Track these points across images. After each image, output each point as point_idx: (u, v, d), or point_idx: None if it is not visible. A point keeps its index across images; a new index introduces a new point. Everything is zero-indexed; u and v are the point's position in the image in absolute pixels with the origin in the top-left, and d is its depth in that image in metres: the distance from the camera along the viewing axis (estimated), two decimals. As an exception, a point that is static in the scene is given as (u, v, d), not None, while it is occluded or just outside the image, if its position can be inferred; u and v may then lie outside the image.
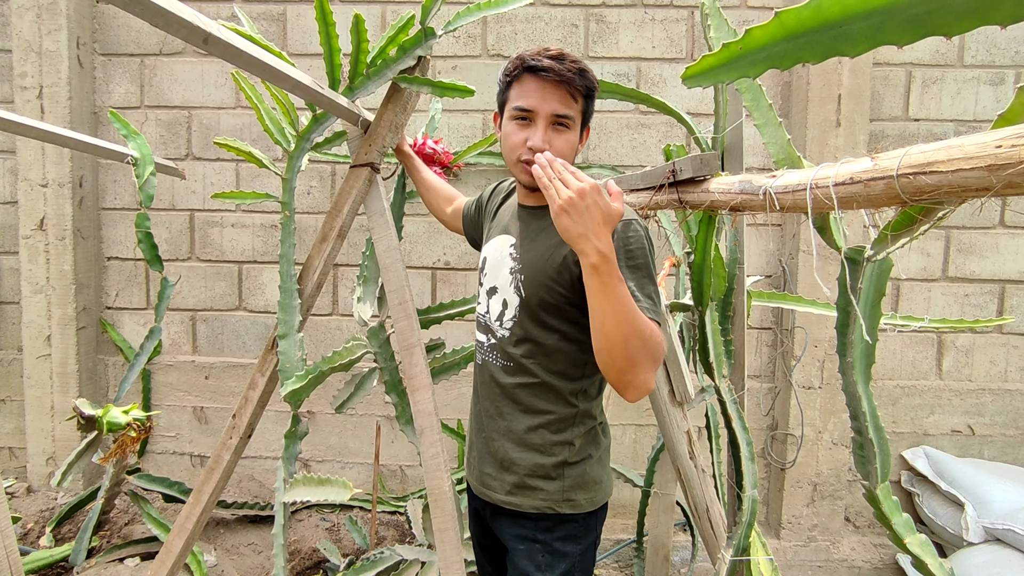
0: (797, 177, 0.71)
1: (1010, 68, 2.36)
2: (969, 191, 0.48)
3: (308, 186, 2.50)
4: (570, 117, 1.01)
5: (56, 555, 2.04)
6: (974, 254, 2.43)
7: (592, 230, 0.83)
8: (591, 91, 1.03)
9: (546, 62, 0.98)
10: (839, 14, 0.39)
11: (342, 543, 2.28)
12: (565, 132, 1.02)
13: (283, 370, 1.38)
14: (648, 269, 0.98)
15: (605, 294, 0.84)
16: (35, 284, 2.43)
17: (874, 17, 0.38)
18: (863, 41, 0.39)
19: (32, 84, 2.37)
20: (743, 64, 0.47)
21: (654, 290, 0.98)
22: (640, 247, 0.98)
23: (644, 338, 0.87)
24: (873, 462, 0.82)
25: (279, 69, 1.06)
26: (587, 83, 1.01)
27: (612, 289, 0.84)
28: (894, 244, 0.64)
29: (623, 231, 0.97)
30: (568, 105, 1.00)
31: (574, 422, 1.09)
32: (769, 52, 0.44)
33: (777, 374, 2.45)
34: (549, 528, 1.08)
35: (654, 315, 0.94)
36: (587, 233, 0.83)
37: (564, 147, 1.02)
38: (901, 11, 0.36)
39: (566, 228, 0.84)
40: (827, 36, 0.41)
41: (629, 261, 0.96)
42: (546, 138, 1.00)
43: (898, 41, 0.38)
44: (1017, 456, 2.46)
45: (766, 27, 0.44)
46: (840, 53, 0.41)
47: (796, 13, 0.41)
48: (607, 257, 0.84)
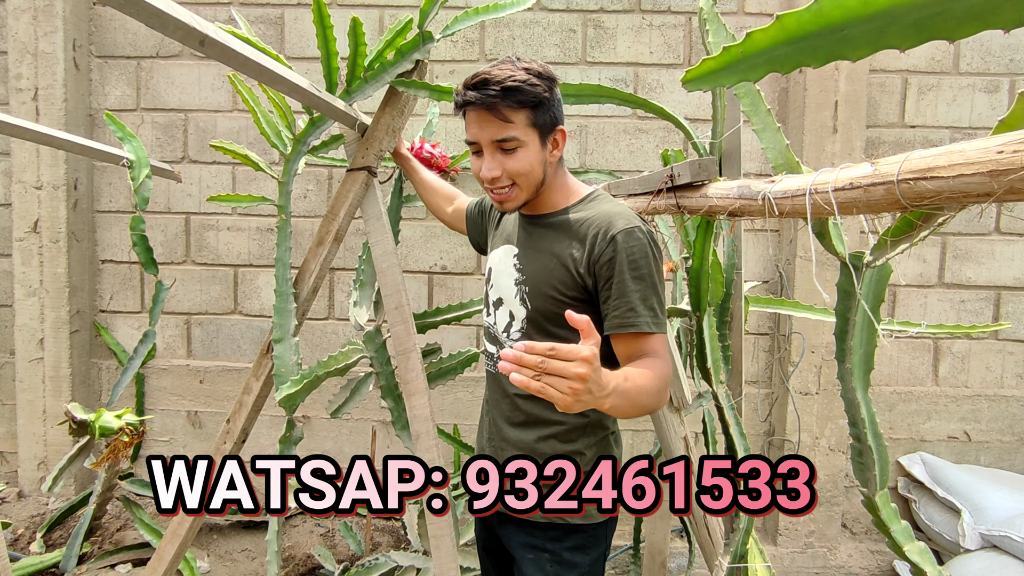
0: (796, 182, 0.71)
1: (1004, 76, 2.38)
2: (970, 196, 0.48)
3: (304, 190, 2.50)
4: (512, 138, 0.97)
5: (47, 561, 2.01)
6: (970, 260, 2.43)
7: (599, 390, 0.74)
8: (533, 100, 0.97)
9: (469, 94, 0.97)
10: (840, 18, 0.39)
11: (336, 549, 2.26)
12: (515, 153, 0.99)
13: (278, 375, 1.37)
14: (652, 278, 0.97)
15: (627, 412, 0.84)
16: (28, 287, 2.42)
17: (876, 21, 0.37)
18: (865, 45, 0.39)
19: (27, 86, 2.36)
20: (743, 68, 0.46)
21: (657, 300, 0.96)
22: (643, 256, 0.96)
23: (658, 392, 0.89)
24: (872, 469, 0.82)
25: (276, 72, 1.05)
26: (520, 97, 0.95)
27: (629, 404, 0.82)
28: (894, 250, 0.63)
29: (625, 240, 0.95)
30: (504, 128, 0.97)
31: (584, 432, 1.08)
32: (770, 56, 0.44)
33: (774, 380, 2.45)
34: (558, 538, 1.07)
35: (655, 327, 0.94)
36: (596, 397, 0.74)
37: (517, 167, 0.99)
38: (903, 15, 0.36)
39: (584, 407, 0.74)
40: (828, 40, 0.40)
41: (633, 272, 0.95)
42: (495, 164, 0.99)
43: (900, 45, 0.37)
44: (1013, 462, 2.46)
45: (767, 31, 0.43)
46: (841, 57, 0.41)
47: (797, 17, 0.41)
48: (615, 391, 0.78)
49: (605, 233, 0.98)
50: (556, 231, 1.05)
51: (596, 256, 0.98)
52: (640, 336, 0.95)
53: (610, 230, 0.97)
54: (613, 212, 1.01)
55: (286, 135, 1.54)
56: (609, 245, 0.96)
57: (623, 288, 0.95)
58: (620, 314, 0.95)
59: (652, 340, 0.95)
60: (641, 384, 0.86)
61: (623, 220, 0.98)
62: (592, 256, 0.98)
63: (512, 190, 1.01)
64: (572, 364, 0.69)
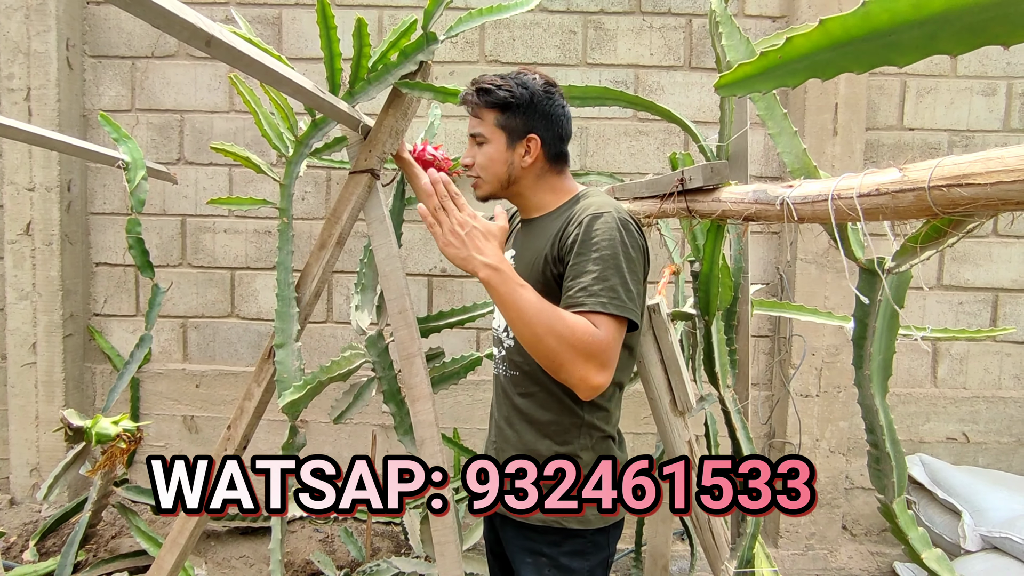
0: (817, 188, 0.70)
1: (1002, 79, 2.39)
2: (1009, 204, 0.47)
3: (303, 192, 2.47)
4: (479, 133, 1.09)
5: (41, 570, 1.98)
6: (968, 263, 2.45)
7: (474, 249, 0.90)
8: (500, 103, 1.06)
9: (462, 92, 1.12)
10: (889, 22, 0.38)
11: (336, 555, 2.23)
12: (483, 147, 1.09)
13: (281, 380, 1.35)
14: (615, 260, 0.93)
15: (504, 302, 0.89)
16: (20, 290, 2.38)
17: (927, 26, 0.36)
18: (914, 50, 0.38)
19: (20, 86, 2.32)
20: (782, 73, 0.45)
21: (620, 282, 0.92)
22: (607, 238, 0.94)
23: (562, 337, 0.87)
24: (890, 476, 0.81)
25: (281, 73, 1.03)
26: (489, 99, 1.06)
27: (510, 296, 0.88)
28: (920, 256, 0.63)
29: (590, 223, 0.97)
30: (476, 123, 1.10)
31: (579, 433, 1.07)
32: (811, 61, 0.43)
33: (775, 382, 2.45)
34: (556, 542, 1.06)
35: (611, 308, 0.90)
36: (471, 254, 0.89)
37: (481, 159, 1.10)
38: (956, 19, 0.35)
39: (454, 257, 0.91)
40: (875, 45, 0.39)
41: (592, 252, 0.94)
42: (471, 153, 1.11)
43: (951, 51, 0.36)
44: (1011, 463, 2.47)
45: (808, 35, 0.42)
46: (888, 63, 0.40)
47: (842, 21, 0.40)
48: (495, 267, 0.89)
49: (577, 220, 1.00)
50: (542, 229, 1.08)
51: (563, 241, 1.00)
52: (589, 315, 0.90)
53: (581, 216, 0.99)
54: (592, 203, 1.02)
55: (288, 137, 1.51)
56: (575, 228, 0.98)
57: (580, 268, 0.94)
58: (571, 293, 0.93)
59: (599, 319, 0.90)
60: (547, 314, 0.88)
61: (596, 207, 1.00)
62: (560, 242, 1.01)
63: (478, 180, 1.12)
64: (457, 212, 0.90)
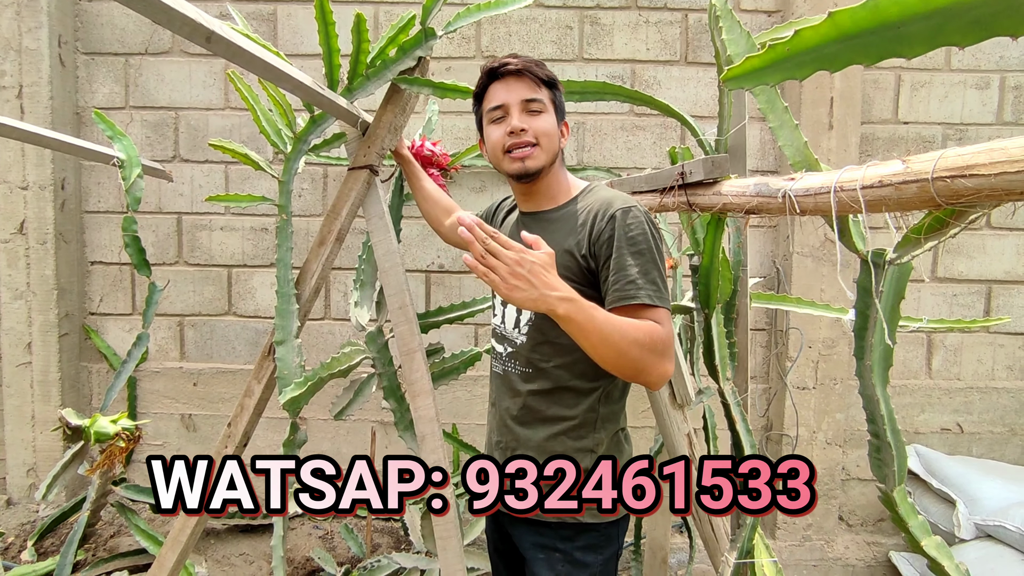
0: (819, 180, 0.71)
1: (995, 72, 2.41)
2: (1013, 194, 0.47)
3: (300, 188, 2.46)
4: (540, 100, 1.04)
5: (39, 570, 1.97)
6: (962, 255, 2.47)
7: (543, 286, 0.83)
8: (552, 81, 1.07)
9: (501, 61, 1.06)
10: (898, 15, 0.38)
11: (336, 551, 2.24)
12: (540, 114, 1.05)
13: (281, 377, 1.35)
14: (651, 253, 0.97)
15: (584, 329, 0.86)
16: (15, 290, 2.36)
17: (935, 18, 0.37)
18: (922, 42, 0.38)
19: (11, 83, 2.29)
20: (790, 66, 0.46)
21: (658, 274, 0.97)
22: (641, 232, 0.97)
23: (641, 344, 0.88)
24: (891, 465, 0.82)
25: (281, 69, 1.03)
26: (547, 72, 1.06)
27: (590, 323, 0.86)
28: (923, 247, 0.63)
29: (623, 218, 0.97)
30: (534, 90, 1.04)
31: (595, 428, 1.07)
32: (819, 54, 0.43)
33: (771, 375, 2.47)
34: (570, 537, 1.06)
35: (658, 301, 0.94)
36: (543, 293, 0.83)
37: (543, 126, 1.04)
38: (965, 12, 0.35)
39: (523, 301, 0.84)
40: (883, 37, 0.40)
41: (631, 247, 0.96)
42: (522, 120, 1.03)
43: (959, 42, 0.37)
44: (1004, 453, 2.50)
45: (817, 28, 0.43)
46: (896, 55, 0.40)
47: (851, 14, 0.40)
48: (571, 299, 0.85)
49: (604, 214, 1.00)
50: (557, 224, 1.07)
51: (595, 236, 1.00)
52: (641, 308, 0.94)
53: (608, 210, 1.00)
54: (610, 196, 1.04)
55: (286, 133, 1.51)
56: (608, 224, 0.98)
57: (621, 263, 0.96)
58: (620, 287, 0.95)
59: (654, 312, 0.94)
60: (623, 328, 0.87)
61: (620, 201, 1.01)
62: (592, 237, 1.00)
63: (535, 149, 1.04)
64: (509, 252, 0.82)
